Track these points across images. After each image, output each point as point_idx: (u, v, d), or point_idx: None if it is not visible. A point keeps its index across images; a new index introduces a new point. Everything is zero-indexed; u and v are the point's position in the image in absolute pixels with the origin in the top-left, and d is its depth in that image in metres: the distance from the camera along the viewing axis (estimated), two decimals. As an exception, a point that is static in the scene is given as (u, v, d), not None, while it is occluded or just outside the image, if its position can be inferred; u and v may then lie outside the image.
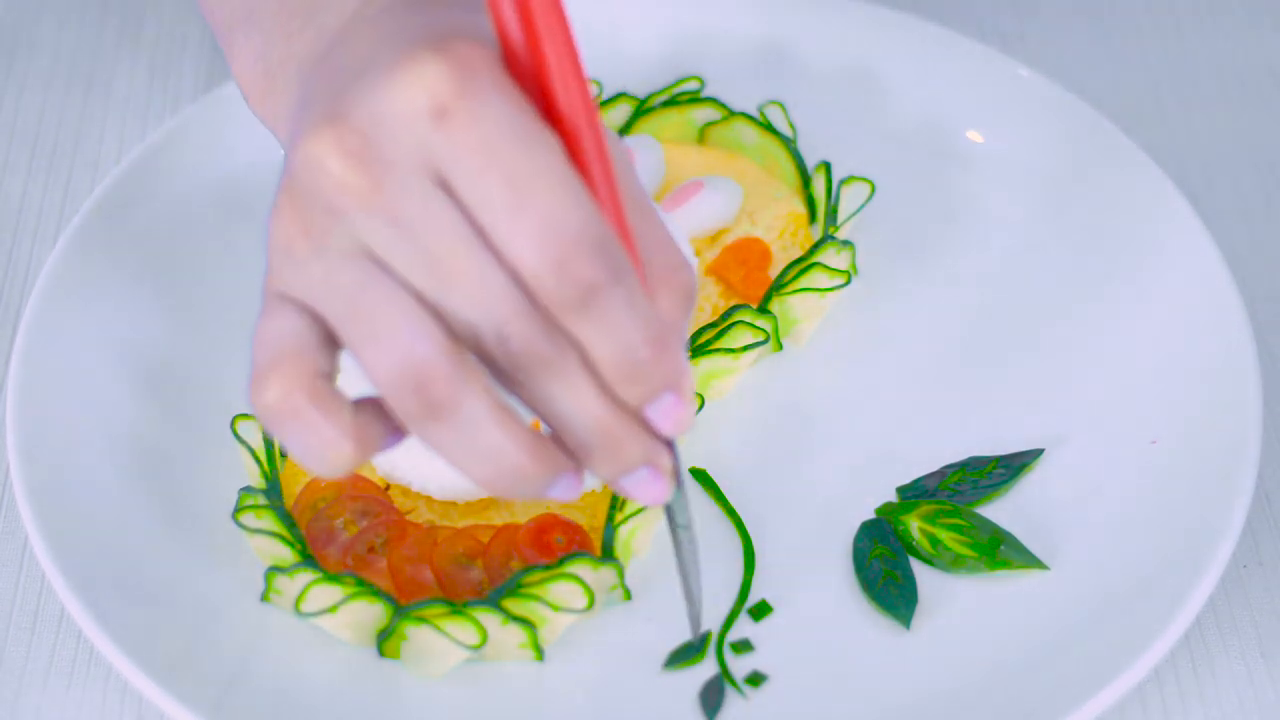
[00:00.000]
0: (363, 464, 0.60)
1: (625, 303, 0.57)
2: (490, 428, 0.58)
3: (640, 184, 0.61)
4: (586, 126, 0.57)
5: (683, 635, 0.70)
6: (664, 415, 0.59)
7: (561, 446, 0.60)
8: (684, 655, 0.69)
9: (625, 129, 0.85)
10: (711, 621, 0.70)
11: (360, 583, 0.68)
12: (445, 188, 0.57)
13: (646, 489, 0.61)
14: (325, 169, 0.57)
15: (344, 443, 0.59)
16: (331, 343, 0.59)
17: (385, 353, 0.58)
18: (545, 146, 0.56)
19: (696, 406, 0.59)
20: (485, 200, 0.56)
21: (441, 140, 0.56)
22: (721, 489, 0.74)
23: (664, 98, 0.85)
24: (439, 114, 0.56)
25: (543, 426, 0.61)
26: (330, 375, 0.60)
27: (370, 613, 0.68)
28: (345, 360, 0.62)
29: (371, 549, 0.71)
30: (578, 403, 0.59)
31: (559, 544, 0.70)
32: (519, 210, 0.56)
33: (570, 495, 0.61)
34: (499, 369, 0.59)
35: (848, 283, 0.79)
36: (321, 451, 0.59)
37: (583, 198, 0.56)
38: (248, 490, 0.71)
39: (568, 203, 0.56)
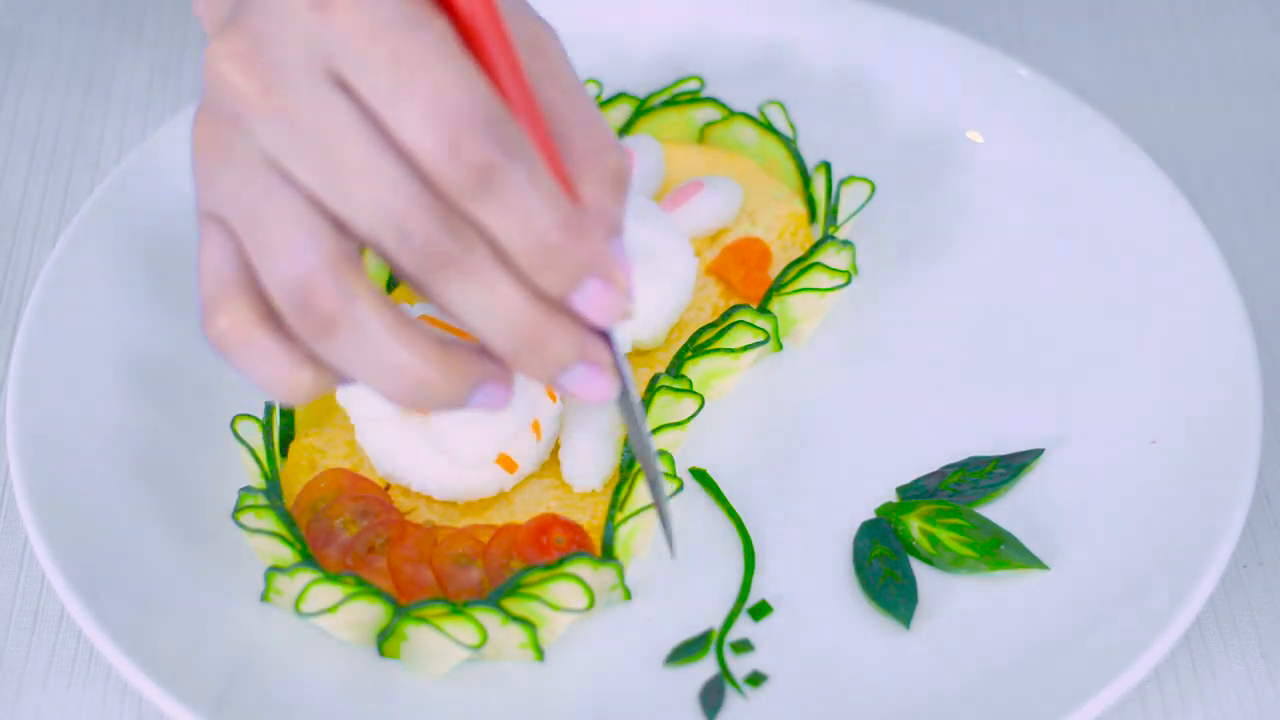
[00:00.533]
0: (325, 392, 0.59)
1: (527, 183, 0.55)
2: (386, 341, 0.56)
3: (570, 69, 0.59)
4: (481, 8, 0.56)
5: (684, 633, 0.70)
6: (590, 304, 0.57)
7: (485, 353, 0.58)
8: (685, 652, 0.69)
9: (625, 129, 0.85)
10: (712, 621, 0.70)
11: (360, 582, 0.68)
12: (338, 82, 0.56)
13: (586, 387, 0.58)
14: (221, 76, 0.56)
15: (301, 369, 0.58)
16: None
17: (275, 266, 0.56)
18: (430, 28, 0.55)
19: (631, 299, 0.58)
20: (373, 88, 0.55)
21: (325, 31, 0.55)
22: (721, 489, 0.74)
23: (664, 98, 0.85)
24: (319, 5, 0.55)
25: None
26: None
27: (370, 612, 0.68)
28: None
29: (371, 549, 0.70)
30: (493, 300, 0.56)
31: (559, 544, 0.70)
32: (405, 93, 0.55)
33: (496, 404, 0.59)
34: (409, 275, 0.57)
35: (848, 283, 0.79)
36: (279, 378, 0.58)
37: (472, 76, 0.55)
38: (248, 490, 0.71)
39: (455, 81, 0.55)
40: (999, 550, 0.71)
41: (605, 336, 0.59)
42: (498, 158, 0.55)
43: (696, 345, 0.77)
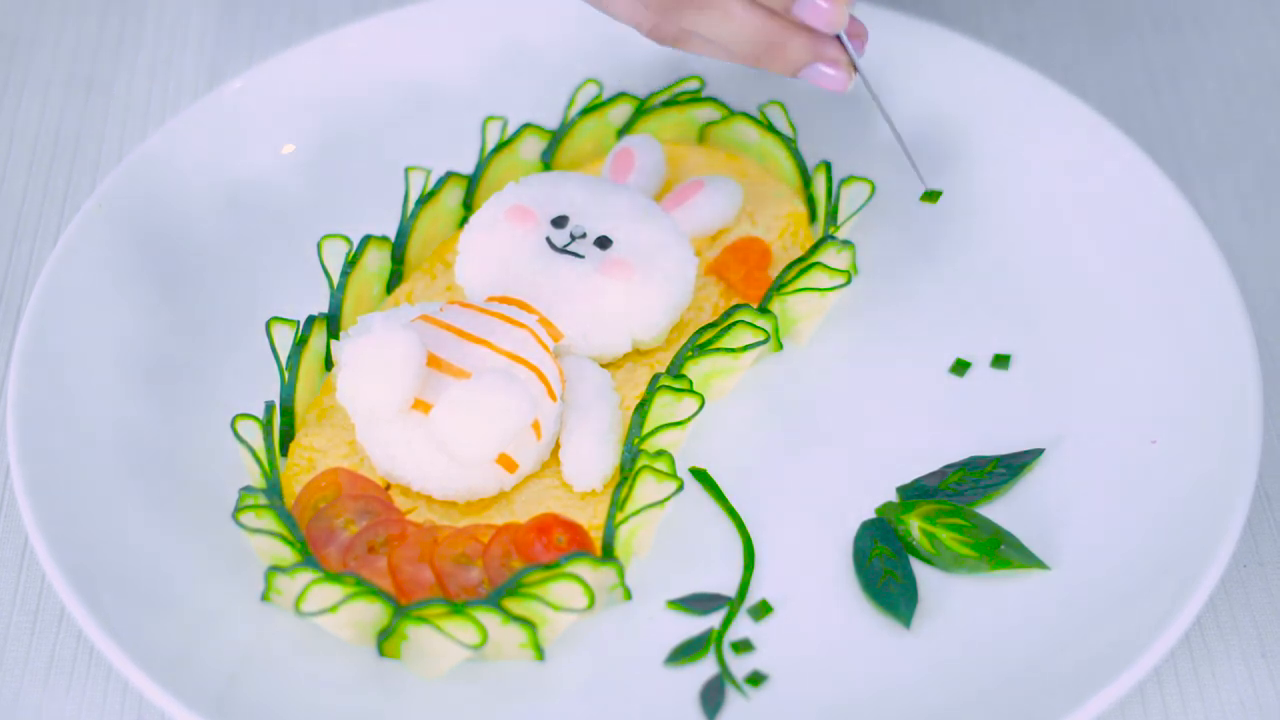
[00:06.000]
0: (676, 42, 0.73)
1: None
2: (743, 11, 0.70)
3: None
4: None
5: (684, 633, 0.70)
6: (811, 13, 0.70)
7: (829, 40, 0.72)
8: (686, 652, 0.69)
9: (626, 129, 0.85)
10: (712, 621, 0.70)
11: (360, 582, 0.68)
12: None
13: (826, 79, 0.72)
14: None
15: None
16: None
17: None
18: None
19: (850, 5, 0.71)
20: None
21: None
22: (722, 488, 0.74)
23: (664, 97, 0.85)
24: None
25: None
26: None
27: (370, 612, 0.68)
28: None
29: (372, 548, 0.70)
30: (729, 23, 0.70)
31: (559, 543, 0.70)
32: None
33: (834, 84, 0.72)
34: (655, 11, 0.70)
35: (848, 282, 0.79)
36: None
37: None
38: (248, 490, 0.71)
39: None
40: (999, 550, 0.71)
41: (838, 39, 0.72)
42: None
43: (697, 345, 0.77)
